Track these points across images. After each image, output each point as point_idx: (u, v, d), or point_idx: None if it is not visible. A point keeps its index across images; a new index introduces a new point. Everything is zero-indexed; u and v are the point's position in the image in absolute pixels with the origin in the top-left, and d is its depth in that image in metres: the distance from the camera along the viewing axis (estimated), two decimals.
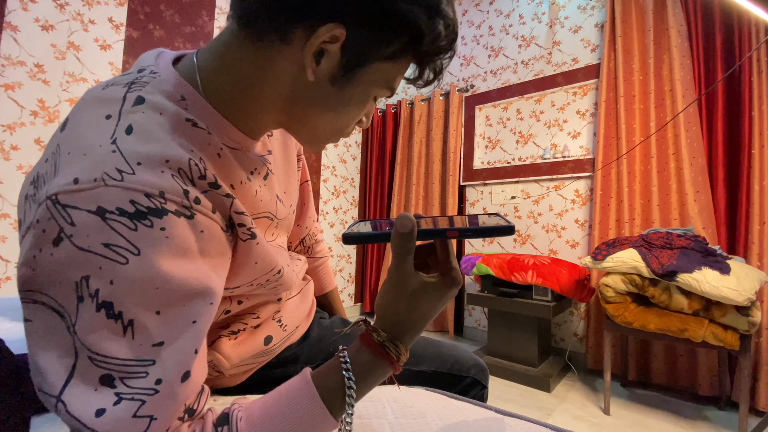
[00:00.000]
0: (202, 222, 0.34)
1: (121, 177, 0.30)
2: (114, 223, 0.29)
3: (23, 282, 0.30)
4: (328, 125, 0.42)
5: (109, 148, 0.31)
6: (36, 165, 0.35)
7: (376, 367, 0.37)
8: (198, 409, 0.35)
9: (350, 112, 0.41)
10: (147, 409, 0.30)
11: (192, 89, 0.38)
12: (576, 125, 2.30)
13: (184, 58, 0.41)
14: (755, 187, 1.64)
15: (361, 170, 3.34)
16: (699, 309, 1.41)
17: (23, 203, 0.34)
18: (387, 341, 0.37)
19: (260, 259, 0.44)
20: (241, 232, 0.40)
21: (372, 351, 0.37)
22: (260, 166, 0.47)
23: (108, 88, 0.36)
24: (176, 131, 0.35)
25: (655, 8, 1.96)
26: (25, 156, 1.57)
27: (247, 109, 0.40)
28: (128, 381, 0.30)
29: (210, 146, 0.37)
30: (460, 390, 0.69)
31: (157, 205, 0.31)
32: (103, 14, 1.79)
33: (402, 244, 0.35)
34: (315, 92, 0.39)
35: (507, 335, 2.04)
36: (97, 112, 0.33)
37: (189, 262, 0.33)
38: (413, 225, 0.35)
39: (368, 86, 0.39)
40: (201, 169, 0.35)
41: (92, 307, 0.29)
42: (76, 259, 0.29)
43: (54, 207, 0.29)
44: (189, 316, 0.33)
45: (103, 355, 0.29)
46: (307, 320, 0.67)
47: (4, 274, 1.54)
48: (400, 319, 0.37)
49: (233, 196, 0.38)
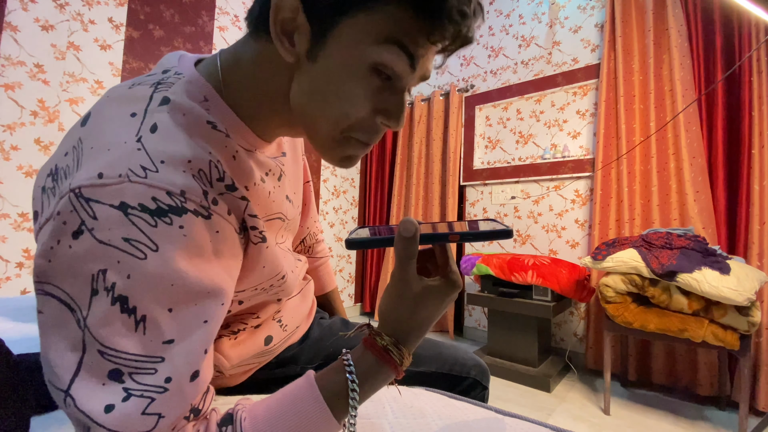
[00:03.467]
0: (218, 223, 0.35)
1: (145, 174, 0.30)
2: (135, 219, 0.29)
3: (38, 273, 0.30)
4: (325, 116, 0.37)
5: (135, 146, 0.31)
6: (52, 157, 0.35)
7: (380, 371, 0.37)
8: (203, 409, 0.35)
9: (344, 91, 0.35)
10: (156, 406, 0.30)
11: (214, 91, 0.38)
12: (576, 125, 2.30)
13: (207, 60, 0.42)
14: (755, 187, 1.64)
15: (361, 170, 3.34)
16: (699, 309, 1.41)
17: (39, 195, 0.34)
18: (391, 345, 0.36)
19: (268, 263, 0.45)
20: (253, 235, 0.41)
21: (376, 355, 0.36)
22: (274, 167, 0.47)
23: (135, 87, 0.36)
24: (197, 133, 0.35)
25: (655, 8, 1.96)
26: (25, 156, 1.57)
27: (261, 110, 0.40)
28: (136, 377, 0.30)
29: (227, 149, 0.38)
30: (460, 391, 0.69)
31: (177, 204, 0.31)
32: (103, 14, 1.79)
33: (405, 248, 0.35)
34: (302, 78, 0.36)
35: (507, 335, 2.04)
36: (123, 109, 0.34)
37: (204, 262, 0.33)
38: (416, 229, 0.34)
39: (352, 49, 0.33)
40: (220, 171, 0.36)
41: (107, 301, 0.29)
42: (96, 252, 0.29)
43: (77, 200, 0.29)
44: (201, 316, 0.33)
45: (114, 349, 0.29)
46: (307, 320, 0.67)
47: (4, 274, 1.53)
48: (404, 323, 0.37)
49: (248, 199, 0.39)
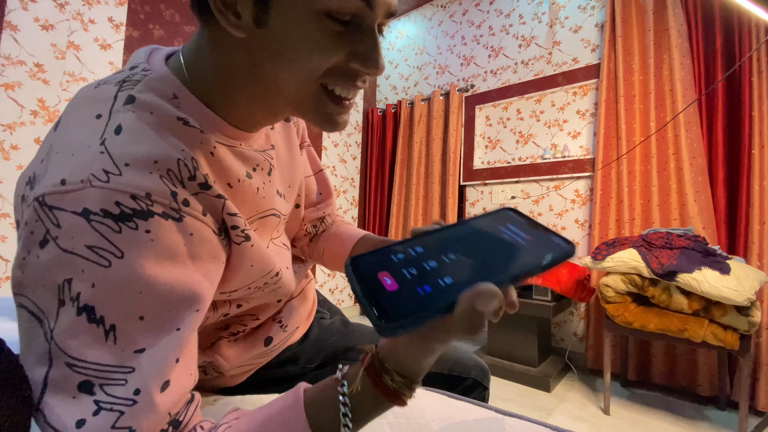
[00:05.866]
0: (192, 225, 0.33)
1: (107, 178, 0.29)
2: (98, 225, 0.28)
3: (14, 285, 0.30)
4: (292, 79, 0.35)
5: (98, 149, 0.30)
6: (31, 164, 0.34)
7: (382, 407, 0.32)
8: (185, 421, 0.32)
9: (306, 44, 0.33)
10: (125, 420, 0.28)
11: (183, 87, 0.37)
12: (576, 125, 2.30)
13: (174, 56, 0.40)
14: (755, 187, 1.64)
15: (361, 170, 3.34)
16: (699, 309, 1.41)
17: (19, 204, 0.33)
18: (405, 388, 0.30)
19: (255, 261, 0.43)
20: (235, 234, 0.39)
21: (383, 394, 0.30)
22: (262, 161, 0.45)
23: (100, 87, 0.35)
24: (167, 130, 0.34)
25: (655, 8, 1.96)
26: (25, 155, 1.57)
27: (233, 99, 0.39)
28: (107, 388, 0.28)
29: (202, 144, 0.36)
30: (460, 391, 0.68)
31: (142, 207, 0.30)
32: (103, 14, 1.79)
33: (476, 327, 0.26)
34: (260, 47, 0.34)
35: (507, 335, 2.04)
36: (89, 111, 0.33)
37: (176, 267, 0.32)
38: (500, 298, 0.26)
39: (298, 3, 0.32)
40: (191, 169, 0.34)
41: (73, 311, 0.28)
42: (60, 261, 0.28)
43: (41, 209, 0.28)
44: (173, 323, 0.31)
45: (83, 361, 0.28)
46: (307, 321, 0.67)
47: (4, 273, 1.54)
48: (420, 361, 0.30)
49: (225, 197, 0.37)
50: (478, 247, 0.30)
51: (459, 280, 0.26)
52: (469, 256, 0.28)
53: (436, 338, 0.28)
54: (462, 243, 0.30)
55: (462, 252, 0.29)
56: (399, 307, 0.24)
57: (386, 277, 0.26)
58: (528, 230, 0.30)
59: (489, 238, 0.30)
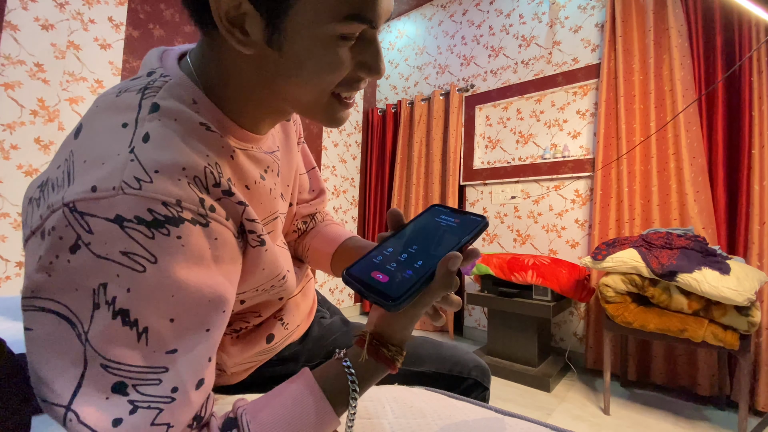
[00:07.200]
0: (216, 229, 0.35)
1: (139, 185, 0.30)
2: (132, 232, 0.29)
3: (33, 288, 0.29)
4: (308, 94, 0.38)
5: (127, 157, 0.31)
6: (46, 170, 0.34)
7: (380, 373, 0.38)
8: (205, 416, 0.35)
9: (321, 65, 0.35)
10: (164, 417, 0.30)
11: (201, 92, 0.38)
12: (576, 125, 2.30)
13: (184, 61, 0.41)
14: (755, 187, 1.64)
15: (361, 170, 3.34)
16: (699, 309, 1.41)
17: (26, 206, 0.34)
18: (398, 354, 0.37)
19: (267, 265, 0.44)
20: (251, 238, 0.40)
21: (382, 362, 0.37)
22: (272, 163, 0.47)
23: (122, 95, 0.35)
24: (192, 137, 0.35)
25: (656, 8, 1.96)
26: (24, 155, 1.57)
27: (244, 105, 0.40)
28: (141, 388, 0.29)
29: (224, 149, 0.38)
30: (461, 391, 0.68)
31: (174, 214, 0.31)
32: (103, 13, 1.79)
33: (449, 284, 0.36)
34: (270, 66, 0.36)
35: (507, 335, 2.04)
36: (114, 120, 0.33)
37: (203, 270, 0.33)
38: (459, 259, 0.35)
39: (314, 29, 0.33)
40: (216, 176, 0.35)
41: (108, 315, 0.29)
42: (94, 267, 0.29)
43: (71, 214, 0.29)
44: (203, 324, 0.33)
45: (117, 362, 0.29)
46: (308, 319, 0.67)
47: (4, 273, 1.54)
48: (405, 329, 0.38)
49: (246, 204, 0.38)
50: (427, 236, 0.40)
51: (426, 260, 0.36)
52: (425, 244, 0.39)
53: (422, 302, 0.36)
54: (416, 236, 0.40)
55: (418, 243, 0.39)
56: (397, 290, 0.34)
57: (377, 274, 0.36)
58: (455, 216, 0.42)
59: (432, 228, 0.41)
